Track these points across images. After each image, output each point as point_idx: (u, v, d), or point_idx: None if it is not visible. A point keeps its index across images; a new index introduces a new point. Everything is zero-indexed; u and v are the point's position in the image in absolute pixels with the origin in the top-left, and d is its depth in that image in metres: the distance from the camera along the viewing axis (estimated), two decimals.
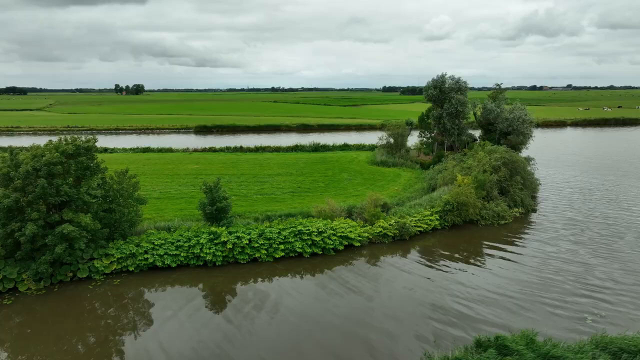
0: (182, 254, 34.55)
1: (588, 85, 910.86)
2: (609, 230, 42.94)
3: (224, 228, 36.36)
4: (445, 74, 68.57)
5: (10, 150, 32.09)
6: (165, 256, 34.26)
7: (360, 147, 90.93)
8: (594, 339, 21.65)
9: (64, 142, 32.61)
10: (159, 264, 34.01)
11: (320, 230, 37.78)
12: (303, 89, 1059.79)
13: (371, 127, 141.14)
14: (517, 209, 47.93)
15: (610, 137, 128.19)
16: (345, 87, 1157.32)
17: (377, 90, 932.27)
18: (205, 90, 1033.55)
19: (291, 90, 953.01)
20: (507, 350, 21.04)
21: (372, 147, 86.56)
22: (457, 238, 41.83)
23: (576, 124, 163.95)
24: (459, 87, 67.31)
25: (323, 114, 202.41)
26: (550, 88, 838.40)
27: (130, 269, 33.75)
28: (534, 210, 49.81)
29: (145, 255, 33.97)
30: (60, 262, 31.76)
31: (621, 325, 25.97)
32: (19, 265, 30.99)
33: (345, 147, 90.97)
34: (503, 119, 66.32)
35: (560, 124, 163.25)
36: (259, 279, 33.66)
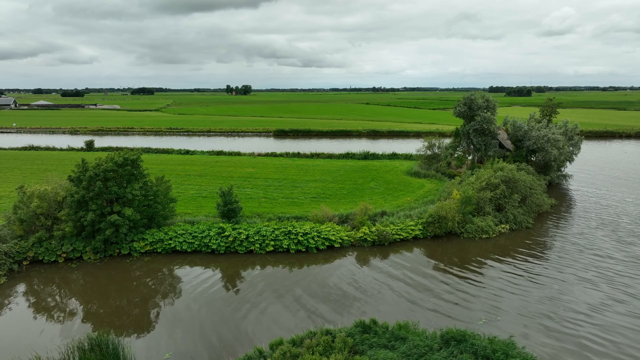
0: (195, 243, 45.48)
1: None
2: (570, 261, 43.28)
3: (229, 225, 46.66)
4: (475, 92, 72.18)
5: (82, 159, 45.46)
6: (184, 243, 45.47)
7: (408, 157, 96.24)
8: (442, 330, 27.77)
9: (117, 155, 45.13)
10: (178, 248, 45.30)
11: (306, 232, 46.37)
12: (405, 89, 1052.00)
13: (441, 135, 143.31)
14: (503, 225, 51.68)
15: None
16: (450, 87, 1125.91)
17: (483, 89, 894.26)
18: (309, 90, 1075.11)
19: (392, 90, 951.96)
20: (370, 330, 28.22)
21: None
22: (429, 247, 47.53)
23: None
24: (487, 105, 70.51)
25: (405, 117, 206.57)
26: None
27: (159, 250, 45.44)
28: (528, 228, 52.93)
29: (169, 242, 45.49)
30: (110, 242, 44.40)
31: (503, 333, 31.23)
32: (83, 241, 44.16)
33: (393, 156, 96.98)
34: (530, 137, 68.27)
35: None
36: (255, 267, 43.27)
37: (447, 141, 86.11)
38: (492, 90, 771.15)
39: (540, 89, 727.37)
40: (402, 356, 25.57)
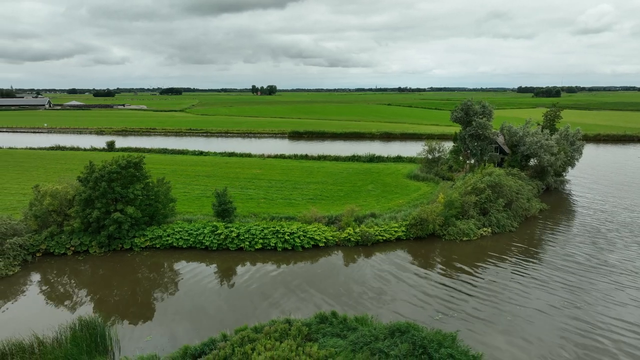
0: (191, 239, 49.38)
1: None
2: (538, 265, 44.95)
3: (222, 223, 50.39)
4: (471, 98, 73.99)
5: (90, 162, 50.00)
6: (180, 240, 49.43)
7: (412, 160, 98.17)
8: (391, 323, 30.59)
9: (121, 158, 49.42)
10: (175, 244, 49.30)
11: (293, 231, 49.66)
12: (431, 89, 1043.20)
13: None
14: (486, 229, 53.66)
15: None
16: (479, 87, 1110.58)
17: (512, 90, 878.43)
18: (334, 90, 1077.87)
19: (417, 90, 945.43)
20: (327, 320, 31.32)
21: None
22: (410, 248, 50.03)
23: None
24: (484, 111, 72.21)
25: (424, 119, 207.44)
26: None
27: (157, 245, 49.53)
28: (511, 232, 54.76)
29: (167, 238, 49.53)
30: (114, 237, 48.75)
31: (454, 328, 33.82)
32: (90, 236, 48.65)
33: (397, 159, 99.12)
34: (524, 142, 69.68)
35: None
36: (244, 263, 46.85)
37: (449, 145, 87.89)
38: (521, 90, 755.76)
39: (571, 89, 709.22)
40: (349, 344, 28.57)
